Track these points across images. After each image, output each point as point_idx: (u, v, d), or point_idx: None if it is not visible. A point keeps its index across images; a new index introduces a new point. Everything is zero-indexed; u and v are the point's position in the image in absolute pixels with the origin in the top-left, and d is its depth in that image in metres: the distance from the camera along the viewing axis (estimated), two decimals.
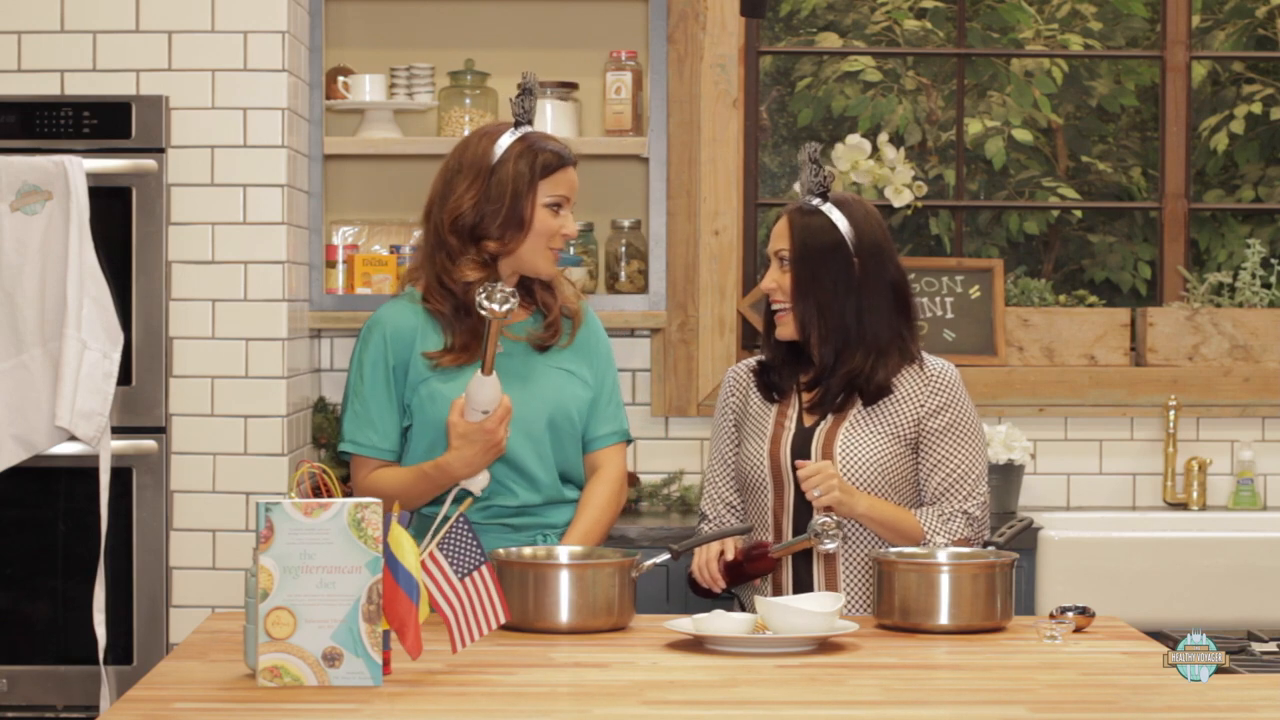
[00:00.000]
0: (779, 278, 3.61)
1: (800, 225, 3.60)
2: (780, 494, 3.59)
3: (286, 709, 2.59)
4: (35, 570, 4.41)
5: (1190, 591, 4.60)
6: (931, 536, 3.50)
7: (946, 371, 3.62)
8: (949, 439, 3.57)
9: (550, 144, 3.58)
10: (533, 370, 3.55)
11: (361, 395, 3.53)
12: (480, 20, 5.08)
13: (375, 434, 3.53)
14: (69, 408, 4.24)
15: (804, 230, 3.59)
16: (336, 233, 4.99)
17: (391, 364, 3.52)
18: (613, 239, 5.02)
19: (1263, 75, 6.65)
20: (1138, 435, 5.14)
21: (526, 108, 3.60)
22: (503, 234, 3.51)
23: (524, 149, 3.54)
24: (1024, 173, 6.71)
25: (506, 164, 3.52)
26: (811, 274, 3.56)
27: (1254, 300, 5.21)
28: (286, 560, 2.71)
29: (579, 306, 3.65)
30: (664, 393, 5.07)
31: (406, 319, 3.55)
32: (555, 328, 3.58)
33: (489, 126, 3.62)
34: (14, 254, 4.29)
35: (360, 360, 3.55)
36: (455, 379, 3.49)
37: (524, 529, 3.54)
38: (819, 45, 6.60)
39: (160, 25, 4.44)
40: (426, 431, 3.50)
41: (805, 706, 2.66)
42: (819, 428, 3.59)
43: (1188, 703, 2.68)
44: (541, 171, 3.53)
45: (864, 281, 3.56)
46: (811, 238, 3.57)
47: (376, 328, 3.55)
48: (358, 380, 3.55)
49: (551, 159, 3.55)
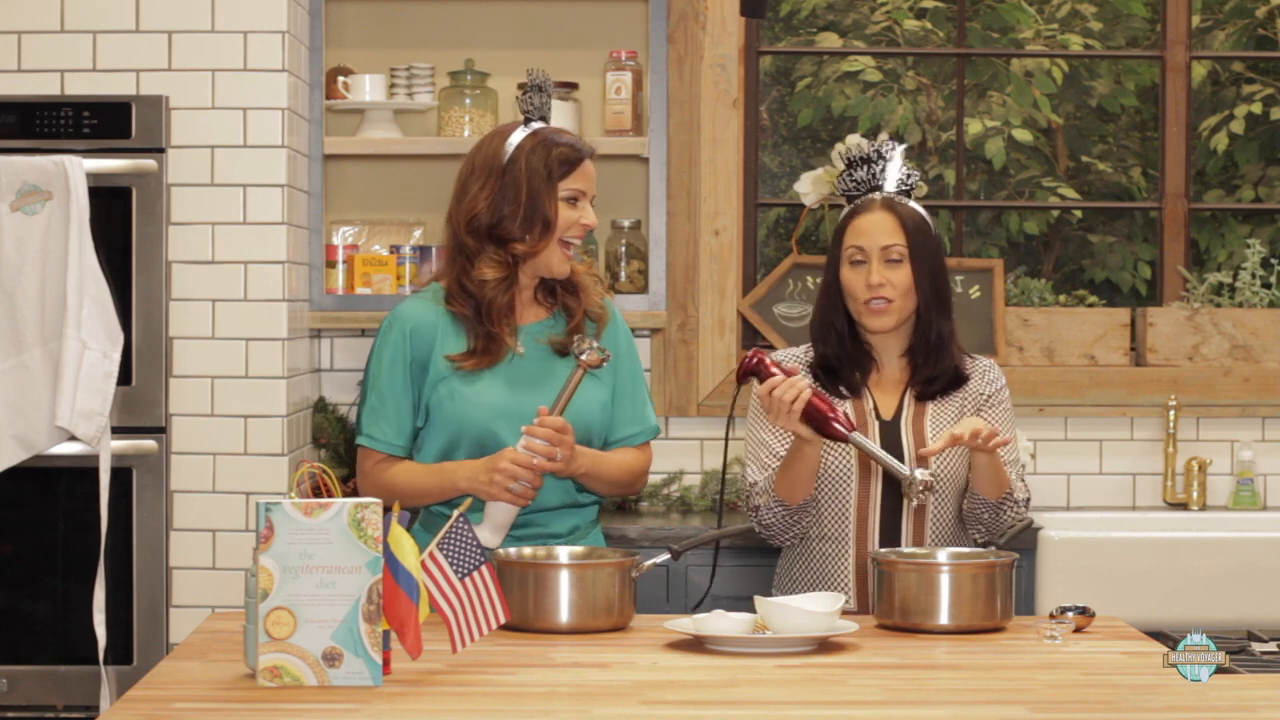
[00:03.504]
0: (888, 274, 3.59)
1: (908, 217, 3.62)
2: (866, 485, 3.58)
3: (286, 709, 2.59)
4: (35, 570, 4.41)
5: (1190, 591, 4.60)
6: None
7: (991, 364, 3.74)
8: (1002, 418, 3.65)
9: (564, 138, 3.51)
10: (552, 374, 3.50)
11: (379, 389, 3.50)
12: (480, 20, 5.08)
13: (390, 429, 3.50)
14: (69, 408, 4.24)
15: (913, 221, 3.62)
16: (336, 233, 4.99)
17: (410, 359, 3.49)
18: (613, 239, 5.02)
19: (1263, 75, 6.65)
20: (1138, 435, 5.14)
21: (536, 104, 3.53)
22: (526, 234, 3.46)
23: (536, 144, 3.48)
24: (1024, 173, 6.71)
25: (519, 161, 3.47)
26: (930, 268, 3.61)
27: (1254, 300, 5.21)
28: (286, 560, 2.71)
29: (604, 309, 3.59)
30: (664, 393, 5.07)
31: (427, 315, 3.51)
32: (578, 332, 3.52)
33: (502, 126, 3.58)
34: (14, 254, 4.29)
35: (379, 355, 3.51)
36: (476, 381, 3.46)
37: (526, 540, 3.50)
38: (819, 45, 6.60)
39: (160, 25, 4.45)
40: (444, 430, 3.47)
41: (805, 706, 2.66)
42: (901, 418, 3.61)
43: (1188, 703, 2.68)
44: (559, 167, 3.48)
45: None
46: (920, 232, 3.62)
47: (397, 323, 3.51)
48: (376, 373, 3.51)
49: (568, 153, 3.49)
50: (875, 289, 3.58)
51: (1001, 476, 3.52)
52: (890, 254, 3.59)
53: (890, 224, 3.61)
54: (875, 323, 3.62)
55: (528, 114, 3.54)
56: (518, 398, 3.46)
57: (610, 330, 3.58)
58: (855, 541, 3.59)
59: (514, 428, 3.42)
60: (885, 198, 3.66)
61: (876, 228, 3.61)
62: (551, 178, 3.47)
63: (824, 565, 3.63)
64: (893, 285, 3.59)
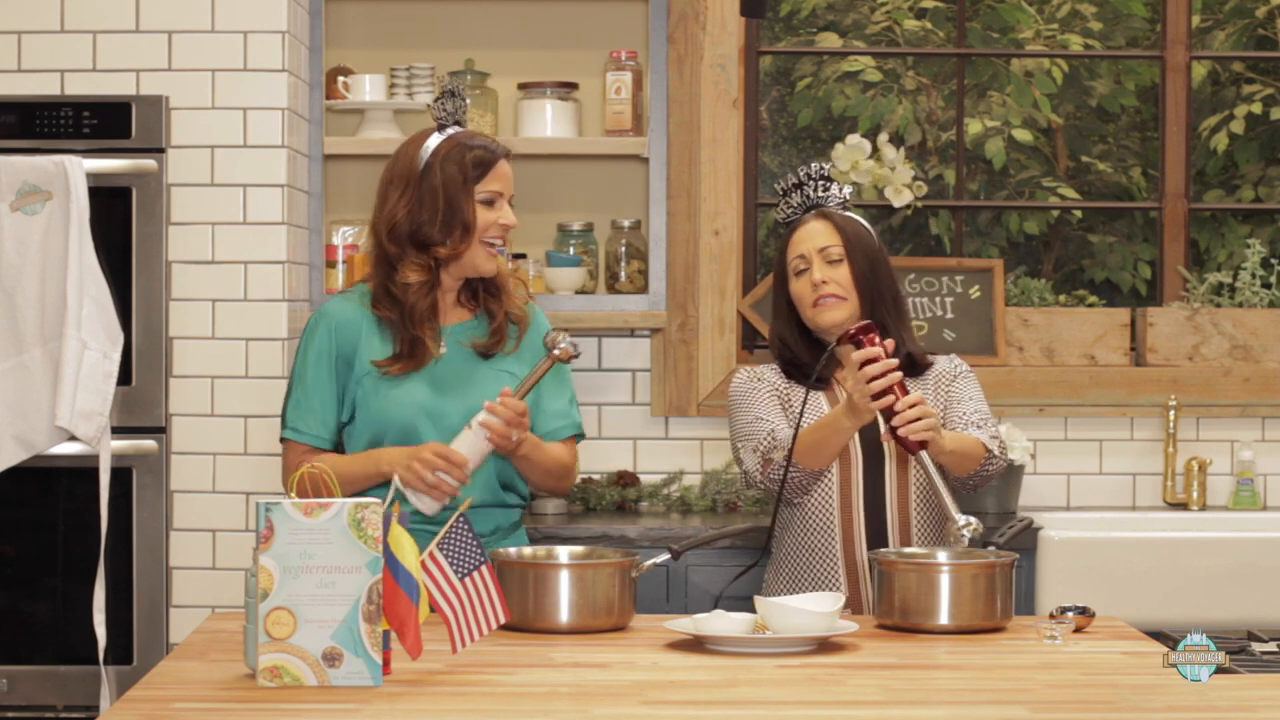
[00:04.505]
0: (830, 272, 3.71)
1: (843, 222, 3.75)
2: (848, 469, 3.65)
3: (286, 709, 2.59)
4: (35, 570, 4.41)
5: (1190, 591, 4.60)
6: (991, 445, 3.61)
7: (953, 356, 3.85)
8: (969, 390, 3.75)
9: (478, 140, 3.56)
10: (474, 376, 3.55)
11: (304, 384, 3.56)
12: (480, 20, 5.08)
13: (316, 421, 3.55)
14: (69, 408, 4.24)
15: (847, 225, 3.75)
16: (336, 233, 4.99)
17: (335, 355, 3.55)
18: (613, 239, 5.02)
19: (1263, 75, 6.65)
20: (1138, 435, 5.14)
21: (449, 109, 3.58)
22: (446, 237, 3.51)
23: (450, 149, 3.53)
24: (1024, 173, 6.71)
25: (434, 167, 3.52)
26: (870, 262, 3.73)
27: (1254, 300, 5.21)
28: (286, 560, 2.71)
29: (525, 312, 3.64)
30: (664, 393, 5.07)
31: (352, 314, 3.57)
32: (500, 334, 3.58)
33: (417, 133, 3.62)
34: (14, 254, 4.29)
35: (305, 350, 3.57)
36: (401, 382, 3.51)
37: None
38: (819, 45, 6.60)
39: (160, 25, 4.45)
40: (367, 428, 3.53)
41: (805, 706, 2.66)
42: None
43: (1188, 703, 2.68)
44: (474, 169, 3.52)
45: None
46: (855, 233, 3.75)
47: (323, 320, 3.58)
48: (302, 368, 3.57)
49: (482, 155, 3.53)
50: (819, 286, 3.70)
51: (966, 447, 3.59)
52: (829, 255, 3.73)
53: (824, 228, 3.76)
54: (826, 317, 3.70)
55: (440, 120, 3.58)
56: (440, 398, 3.52)
57: (531, 333, 3.63)
58: (840, 527, 3.65)
59: (436, 426, 3.49)
60: (819, 209, 3.80)
61: (812, 234, 3.76)
62: (467, 180, 3.52)
63: (812, 560, 3.69)
64: (837, 282, 3.71)
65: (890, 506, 3.66)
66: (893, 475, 3.66)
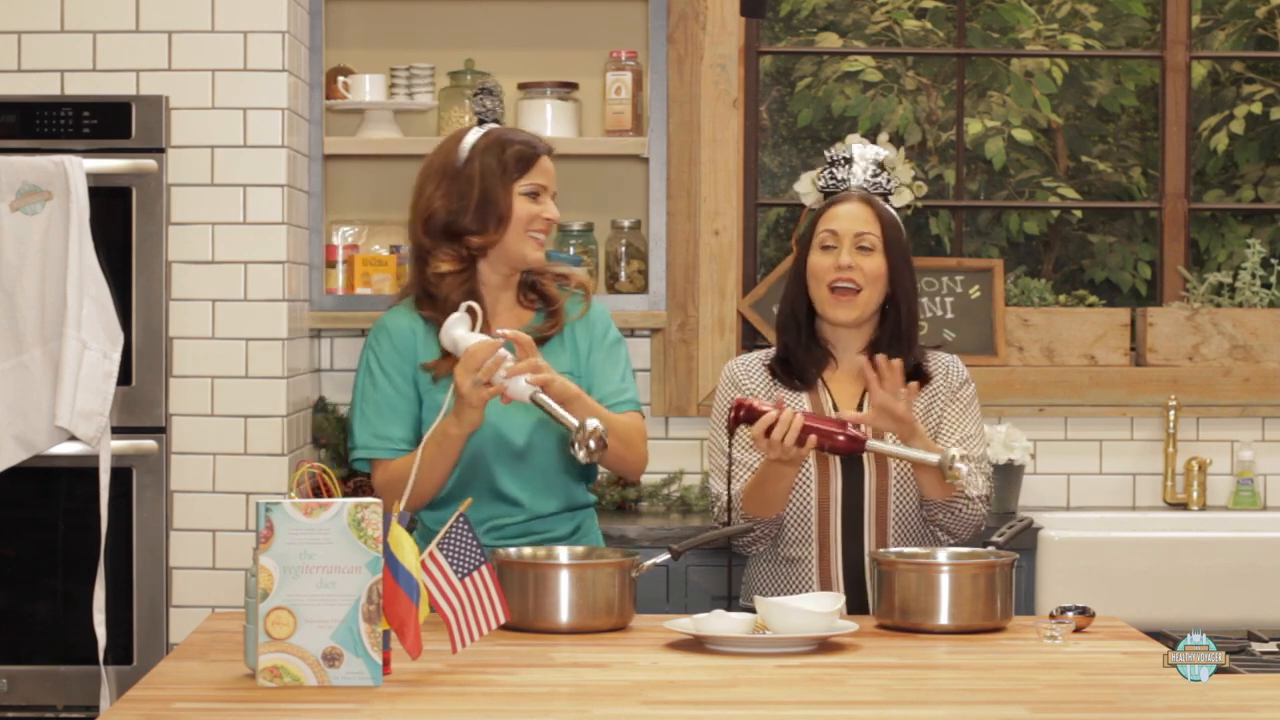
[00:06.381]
0: (857, 258, 3.61)
1: (884, 212, 3.67)
2: (826, 478, 3.58)
3: (286, 709, 2.59)
4: (35, 570, 4.41)
5: (1190, 591, 4.60)
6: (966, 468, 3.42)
7: (954, 359, 3.74)
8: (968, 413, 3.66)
9: (519, 136, 3.55)
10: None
11: (375, 397, 3.51)
12: (480, 20, 5.08)
13: (396, 428, 3.50)
14: (69, 408, 4.24)
15: (889, 217, 3.67)
16: (336, 233, 5.00)
17: (401, 363, 3.51)
18: (613, 239, 5.02)
19: (1263, 75, 6.65)
20: (1138, 435, 5.14)
21: (488, 107, 3.61)
22: (481, 227, 3.48)
23: (490, 143, 3.52)
24: (1024, 173, 6.71)
25: (473, 160, 3.50)
26: (902, 259, 3.65)
27: (1254, 300, 5.21)
28: (286, 560, 2.71)
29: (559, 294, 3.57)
30: (664, 393, 5.07)
31: (406, 322, 3.54)
32: (557, 318, 3.56)
33: (457, 130, 3.62)
34: (14, 254, 4.29)
35: (369, 365, 3.53)
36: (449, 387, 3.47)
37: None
38: (819, 45, 6.60)
39: (160, 25, 4.45)
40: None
41: (805, 706, 2.66)
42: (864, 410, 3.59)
43: (1188, 703, 2.68)
44: (515, 164, 3.50)
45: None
46: (894, 227, 3.66)
47: (384, 331, 3.54)
48: (367, 382, 3.52)
49: (524, 150, 3.52)
50: (843, 270, 3.60)
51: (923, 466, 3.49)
52: (862, 241, 3.62)
53: (866, 214, 3.65)
54: (838, 313, 3.62)
55: (481, 116, 3.60)
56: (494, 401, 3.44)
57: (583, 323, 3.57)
58: (818, 544, 3.60)
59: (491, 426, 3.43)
60: (862, 193, 3.72)
61: (852, 215, 3.65)
62: (507, 173, 3.49)
63: (789, 571, 3.63)
64: (861, 271, 3.61)
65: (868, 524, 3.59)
66: (871, 491, 3.59)
